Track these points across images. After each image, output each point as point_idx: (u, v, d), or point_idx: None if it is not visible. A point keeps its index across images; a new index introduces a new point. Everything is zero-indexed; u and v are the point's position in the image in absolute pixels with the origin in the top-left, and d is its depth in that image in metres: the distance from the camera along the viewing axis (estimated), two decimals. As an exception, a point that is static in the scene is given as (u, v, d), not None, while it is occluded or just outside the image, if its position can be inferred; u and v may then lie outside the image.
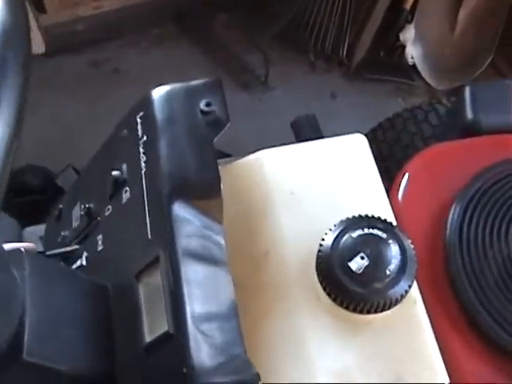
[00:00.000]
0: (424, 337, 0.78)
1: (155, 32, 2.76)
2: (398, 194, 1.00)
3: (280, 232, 0.84)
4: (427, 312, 0.83)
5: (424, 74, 2.59)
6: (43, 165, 1.83)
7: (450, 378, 0.81)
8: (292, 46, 2.68)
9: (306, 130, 1.34)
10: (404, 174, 1.03)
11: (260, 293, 0.81)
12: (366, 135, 1.77)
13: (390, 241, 0.75)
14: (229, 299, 0.74)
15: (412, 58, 2.58)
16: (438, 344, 0.81)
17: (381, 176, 0.92)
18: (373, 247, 0.74)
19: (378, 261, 0.73)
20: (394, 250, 0.75)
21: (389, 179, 1.03)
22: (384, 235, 0.75)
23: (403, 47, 2.59)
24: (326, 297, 0.76)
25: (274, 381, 0.74)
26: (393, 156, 1.65)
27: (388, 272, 0.73)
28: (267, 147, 0.92)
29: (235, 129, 0.91)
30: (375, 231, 0.76)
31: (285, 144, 0.93)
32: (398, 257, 0.74)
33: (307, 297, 0.78)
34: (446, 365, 0.80)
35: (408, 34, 2.55)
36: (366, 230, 0.76)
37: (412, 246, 0.77)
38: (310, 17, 2.61)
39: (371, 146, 1.76)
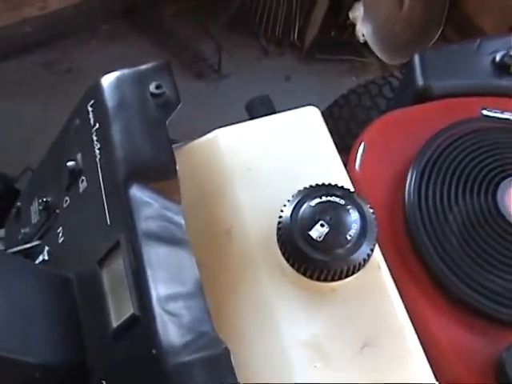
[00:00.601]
0: (390, 300, 0.78)
1: (105, 28, 2.74)
2: (355, 164, 1.00)
3: (240, 208, 0.84)
4: (392, 275, 0.84)
5: (376, 50, 2.61)
6: (1, 170, 1.80)
7: (420, 339, 0.81)
8: (243, 31, 2.68)
9: (260, 111, 1.34)
10: (360, 143, 1.03)
11: (225, 270, 0.81)
12: (322, 113, 1.78)
13: (349, 207, 0.75)
14: (193, 278, 0.73)
15: (363, 35, 2.59)
16: (405, 305, 0.82)
17: (339, 152, 0.92)
18: (332, 214, 0.75)
19: (337, 227, 0.74)
20: (353, 215, 0.75)
21: (347, 155, 1.03)
22: (342, 202, 0.76)
23: (354, 25, 2.60)
24: (290, 268, 0.76)
25: (243, 354, 0.74)
26: (350, 132, 1.66)
27: (349, 237, 0.74)
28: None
29: (193, 119, 0.91)
30: (333, 198, 0.76)
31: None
32: (358, 222, 0.75)
33: (271, 269, 0.79)
34: (414, 326, 0.81)
35: (357, 12, 2.56)
36: (324, 198, 0.76)
37: (371, 211, 0.78)
38: (258, 1, 2.60)
39: (328, 124, 1.77)
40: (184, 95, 0.79)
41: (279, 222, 0.76)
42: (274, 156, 0.87)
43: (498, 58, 1.20)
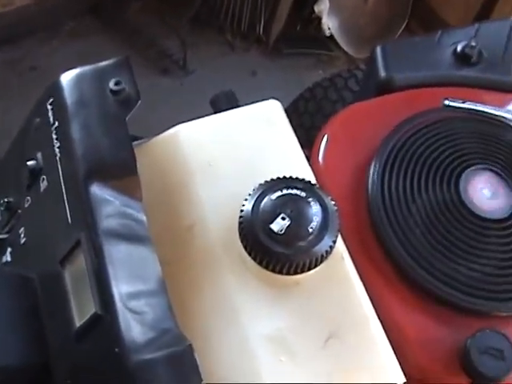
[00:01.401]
0: (354, 292, 0.79)
1: (70, 26, 2.71)
2: (318, 156, 1.00)
3: (202, 204, 0.83)
4: (356, 267, 0.84)
5: (342, 43, 2.61)
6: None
7: (385, 329, 0.82)
8: (208, 27, 2.67)
9: (225, 106, 1.34)
10: (323, 135, 1.03)
11: (188, 266, 0.81)
12: (287, 108, 1.79)
13: (310, 199, 0.75)
14: (155, 275, 0.73)
15: (329, 28, 2.59)
16: (369, 296, 0.82)
17: (305, 147, 0.92)
18: (293, 207, 0.75)
19: (299, 219, 0.74)
20: (314, 207, 0.75)
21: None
22: (303, 194, 0.76)
23: (319, 19, 2.60)
24: (253, 262, 0.76)
25: (208, 350, 0.74)
26: (315, 126, 1.66)
27: (310, 230, 0.74)
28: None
29: (158, 115, 0.90)
30: (294, 191, 0.76)
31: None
32: (319, 214, 0.75)
33: (235, 264, 0.78)
34: (378, 316, 0.82)
35: (323, 6, 2.56)
36: (284, 191, 0.76)
37: (333, 202, 0.78)
38: (223, -4, 2.60)
39: (293, 118, 1.77)
40: (149, 92, 0.79)
41: (240, 217, 0.76)
42: (236, 150, 0.87)
43: (459, 49, 1.20)
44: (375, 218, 0.92)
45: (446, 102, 1.10)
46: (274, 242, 0.73)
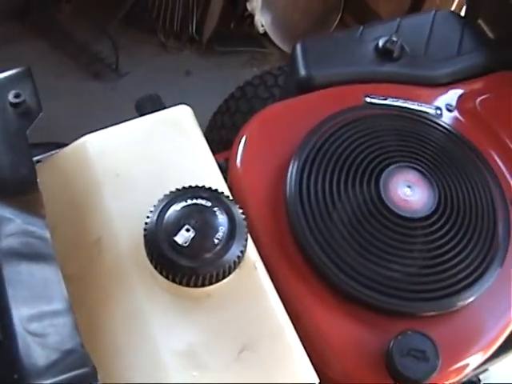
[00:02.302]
0: (268, 301, 0.76)
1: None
2: (236, 159, 0.97)
3: (109, 217, 0.80)
4: (276, 272, 0.82)
5: (276, 40, 2.60)
6: None
7: (307, 335, 0.80)
8: (140, 28, 2.63)
9: (150, 110, 1.31)
10: (241, 138, 1.00)
11: (97, 281, 0.78)
12: (219, 108, 1.76)
13: (216, 209, 0.73)
14: (59, 294, 0.70)
15: (262, 25, 2.57)
16: (289, 302, 0.80)
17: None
18: (198, 217, 0.72)
19: (204, 231, 0.71)
20: (220, 217, 0.73)
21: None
22: (209, 204, 0.73)
23: (252, 16, 2.57)
24: (161, 275, 0.73)
25: (120, 367, 0.71)
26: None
27: (216, 240, 0.71)
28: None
29: (90, 121, 0.87)
30: (199, 201, 0.74)
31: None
32: (226, 224, 0.73)
33: (144, 278, 0.76)
34: (300, 322, 0.79)
35: (255, 3, 2.54)
36: (189, 201, 0.73)
37: (240, 211, 0.75)
38: (154, -4, 2.56)
39: (226, 118, 1.75)
40: (81, 97, 0.76)
41: (145, 229, 0.73)
42: (144, 159, 0.84)
43: (380, 44, 1.19)
44: (293, 221, 0.90)
45: (367, 99, 1.09)
46: (179, 255, 0.71)
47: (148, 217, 0.73)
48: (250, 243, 0.79)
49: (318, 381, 0.75)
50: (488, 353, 0.90)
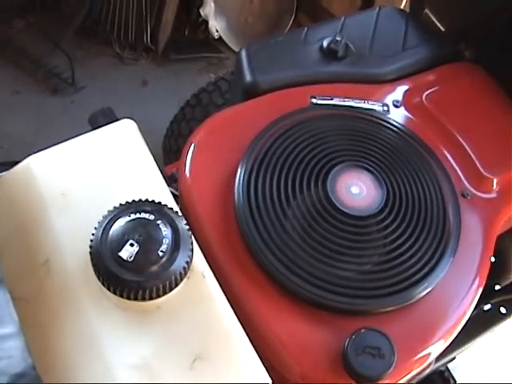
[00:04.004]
0: (217, 309, 0.77)
1: None
2: (185, 167, 0.97)
3: (56, 237, 0.80)
4: (228, 278, 0.83)
5: (231, 44, 2.60)
6: None
7: (262, 340, 0.80)
8: (95, 40, 2.62)
9: (103, 123, 1.31)
10: (189, 145, 1.01)
11: (47, 303, 0.78)
12: (176, 116, 1.76)
13: (159, 221, 0.73)
14: (9, 318, 0.71)
15: (217, 31, 2.58)
16: (243, 308, 0.80)
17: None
18: (141, 232, 0.72)
19: (147, 244, 0.72)
20: (163, 230, 0.73)
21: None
22: (152, 217, 0.73)
23: (206, 22, 2.58)
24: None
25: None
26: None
27: (161, 253, 0.72)
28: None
29: (53, 137, 0.87)
30: (142, 215, 0.74)
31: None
32: (170, 236, 0.73)
33: (93, 295, 0.76)
34: (253, 325, 0.82)
35: (208, 9, 2.55)
36: (132, 216, 0.74)
37: (184, 222, 0.75)
38: (108, 8, 2.55)
39: (182, 126, 1.75)
40: (40, 112, 0.76)
41: (90, 246, 0.73)
42: (89, 177, 0.84)
43: (325, 45, 1.20)
44: (243, 227, 0.90)
45: (313, 101, 1.09)
46: (125, 270, 0.71)
47: (93, 234, 0.73)
48: (198, 252, 0.80)
49: (271, 382, 0.75)
50: (449, 340, 0.91)
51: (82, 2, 2.53)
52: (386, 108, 1.12)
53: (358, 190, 0.95)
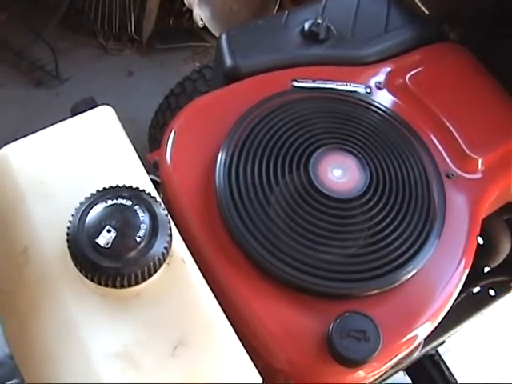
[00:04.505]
0: (198, 295, 0.76)
1: None
2: (166, 153, 0.96)
3: (34, 225, 0.79)
4: (212, 265, 0.82)
5: (216, 33, 2.58)
6: None
7: (245, 324, 0.80)
8: (79, 31, 2.60)
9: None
10: (170, 132, 0.99)
11: (26, 292, 0.77)
12: (160, 105, 1.75)
13: (136, 207, 0.72)
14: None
15: (201, 20, 2.55)
16: (227, 292, 0.80)
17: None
18: (118, 217, 0.71)
19: (125, 230, 0.71)
20: (141, 215, 0.72)
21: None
22: (129, 203, 0.72)
23: (191, 11, 2.55)
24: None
25: (55, 375, 0.70)
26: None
27: (138, 239, 0.70)
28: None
29: (36, 129, 0.86)
30: (119, 201, 0.73)
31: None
32: (147, 221, 0.72)
33: (71, 283, 0.75)
34: (237, 311, 0.82)
35: (191, -2, 2.52)
36: (110, 202, 0.72)
37: (162, 207, 0.74)
38: (91, -2, 2.53)
39: (167, 115, 1.74)
40: (25, 105, 0.74)
41: (67, 233, 0.72)
42: (67, 164, 0.83)
43: (306, 28, 1.19)
44: (224, 213, 0.90)
45: (295, 83, 1.08)
46: (102, 257, 0.70)
47: (70, 221, 0.72)
48: (178, 238, 0.79)
49: (255, 370, 0.74)
50: (436, 322, 0.91)
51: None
52: (368, 90, 1.11)
53: (340, 172, 0.94)
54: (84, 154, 0.84)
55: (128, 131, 0.88)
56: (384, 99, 1.11)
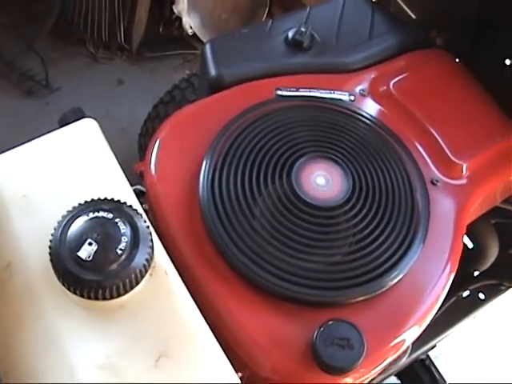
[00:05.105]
0: (180, 306, 0.76)
1: None
2: (150, 163, 0.97)
3: (18, 239, 0.80)
4: (196, 275, 0.82)
5: (206, 41, 2.58)
6: None
7: (230, 334, 0.80)
8: (69, 41, 2.59)
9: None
10: (154, 142, 1.00)
11: (10, 305, 0.77)
12: (150, 114, 1.75)
13: (117, 220, 0.73)
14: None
15: (191, 27, 2.56)
16: (211, 302, 0.80)
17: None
18: (99, 230, 0.72)
19: (106, 243, 0.71)
20: (122, 228, 0.72)
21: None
22: (110, 215, 0.73)
23: (180, 19, 2.56)
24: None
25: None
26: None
27: (119, 252, 0.71)
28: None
29: (25, 139, 0.86)
30: (100, 213, 0.73)
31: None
32: (128, 234, 0.72)
33: (55, 296, 0.75)
34: (222, 321, 0.82)
35: (181, 5, 2.52)
36: (91, 215, 0.73)
37: (143, 219, 0.75)
38: (80, 7, 2.52)
39: (156, 124, 1.74)
40: (16, 116, 0.75)
41: (49, 247, 0.73)
42: (50, 177, 0.84)
43: (290, 36, 1.19)
44: (208, 223, 0.90)
45: (279, 92, 1.09)
46: (83, 270, 0.70)
47: (52, 234, 0.73)
48: (161, 250, 0.79)
49: (238, 380, 0.75)
50: (423, 325, 0.91)
51: (53, 2, 2.50)
52: (352, 98, 1.11)
53: (323, 180, 0.94)
54: (67, 167, 0.85)
55: (118, 140, 0.89)
56: (368, 107, 1.11)
